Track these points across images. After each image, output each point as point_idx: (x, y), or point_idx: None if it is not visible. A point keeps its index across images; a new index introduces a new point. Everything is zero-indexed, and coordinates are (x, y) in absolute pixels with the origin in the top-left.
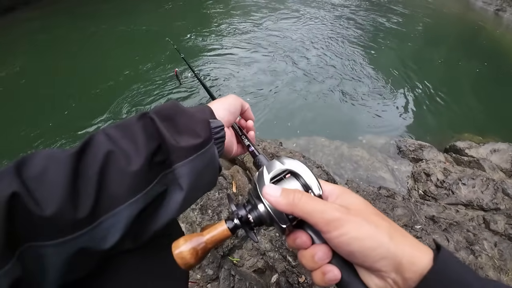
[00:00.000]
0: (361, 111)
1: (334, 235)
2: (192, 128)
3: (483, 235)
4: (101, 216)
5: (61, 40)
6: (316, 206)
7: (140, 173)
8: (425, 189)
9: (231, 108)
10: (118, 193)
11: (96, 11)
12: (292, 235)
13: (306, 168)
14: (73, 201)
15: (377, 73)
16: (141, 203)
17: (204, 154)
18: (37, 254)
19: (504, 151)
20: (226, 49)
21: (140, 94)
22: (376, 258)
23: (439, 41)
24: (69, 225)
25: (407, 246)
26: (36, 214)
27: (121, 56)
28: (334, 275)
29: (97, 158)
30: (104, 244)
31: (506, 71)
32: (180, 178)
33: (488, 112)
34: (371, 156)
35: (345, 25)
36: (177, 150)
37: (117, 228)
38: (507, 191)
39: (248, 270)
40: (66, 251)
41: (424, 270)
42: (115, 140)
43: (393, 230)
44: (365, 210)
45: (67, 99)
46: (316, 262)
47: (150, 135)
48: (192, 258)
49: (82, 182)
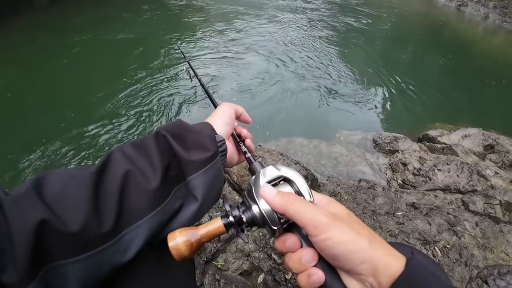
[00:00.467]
0: (336, 109)
1: (320, 238)
2: (201, 143)
3: (464, 216)
4: (123, 229)
5: (45, 52)
6: (307, 209)
7: (157, 190)
8: (403, 178)
9: (227, 120)
10: (138, 208)
11: (77, 22)
12: (282, 237)
13: (299, 176)
14: (97, 216)
15: (349, 71)
16: (159, 216)
17: (213, 166)
18: (63, 271)
19: (475, 136)
20: (204, 55)
21: (132, 101)
22: (357, 262)
23: (405, 38)
24: (94, 240)
25: (384, 252)
26: (64, 233)
27: (110, 64)
28: (319, 278)
29: (116, 177)
30: (126, 255)
31: (470, 62)
32: (195, 189)
33: (456, 101)
34: (349, 152)
35: (317, 27)
36: (190, 163)
37: (138, 240)
38: (482, 172)
39: (234, 273)
40: (91, 266)
41: (396, 275)
42: (131, 158)
43: (372, 237)
44: (348, 218)
45: (61, 110)
46: (303, 264)
47: (163, 152)
48: (186, 250)
49: (103, 199)
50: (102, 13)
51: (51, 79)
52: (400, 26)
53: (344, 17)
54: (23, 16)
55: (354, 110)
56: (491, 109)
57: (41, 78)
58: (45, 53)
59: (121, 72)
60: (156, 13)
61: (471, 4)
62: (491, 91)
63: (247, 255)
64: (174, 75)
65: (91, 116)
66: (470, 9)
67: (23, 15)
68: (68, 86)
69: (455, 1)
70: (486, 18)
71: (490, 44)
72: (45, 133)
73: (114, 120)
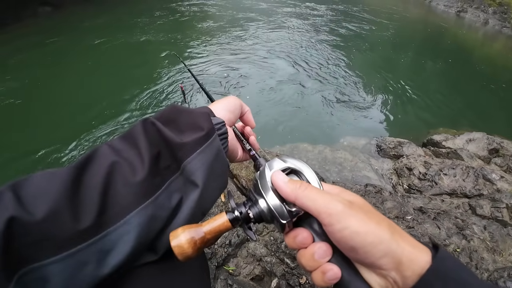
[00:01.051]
0: (340, 115)
1: (336, 228)
2: (193, 123)
3: (472, 220)
4: (108, 226)
5: (48, 57)
6: (321, 196)
7: (146, 180)
8: (409, 183)
9: (230, 107)
10: (125, 202)
11: (82, 29)
12: (293, 232)
13: (307, 166)
14: (73, 211)
15: (351, 77)
16: (150, 209)
17: (210, 145)
18: (40, 275)
19: (480, 140)
20: (206, 60)
21: (146, 102)
22: (378, 255)
23: (406, 44)
24: (71, 237)
25: (407, 244)
26: (35, 229)
27: (114, 69)
28: (334, 273)
29: (101, 169)
30: (113, 257)
31: (471, 67)
32: (193, 174)
33: (459, 106)
34: (353, 157)
35: (321, 33)
36: (183, 146)
37: (128, 238)
38: (487, 176)
39: (245, 278)
40: (71, 268)
41: (423, 269)
42: (118, 150)
43: (393, 228)
44: (365, 208)
45: (78, 113)
46: (316, 260)
47: (151, 140)
48: (190, 248)
49: (83, 192)
50: (107, 20)
51: (52, 84)
52: (401, 32)
53: (346, 23)
54: (27, 23)
55: (358, 115)
56: (494, 114)
57: (43, 84)
58: (48, 58)
59: (124, 77)
60: (166, 19)
61: (470, 10)
62: (493, 96)
63: (258, 260)
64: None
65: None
66: (469, 15)
67: (26, 22)
68: (70, 91)
69: (454, 7)
70: (486, 23)
71: (491, 49)
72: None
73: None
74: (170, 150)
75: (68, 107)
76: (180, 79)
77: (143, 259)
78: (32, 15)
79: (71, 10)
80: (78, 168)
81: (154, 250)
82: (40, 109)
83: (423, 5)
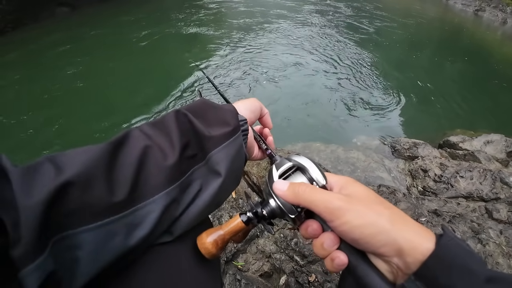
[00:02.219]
0: (353, 114)
1: (337, 223)
2: (222, 119)
3: (488, 224)
4: (138, 202)
5: (65, 58)
6: (319, 196)
7: (175, 166)
8: (424, 185)
9: (251, 107)
10: (155, 183)
11: (99, 29)
12: (304, 224)
13: (310, 162)
14: (109, 183)
15: (366, 76)
16: (174, 193)
17: (235, 141)
18: (73, 242)
19: (498, 142)
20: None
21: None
22: (378, 245)
23: (423, 43)
24: (106, 208)
25: (409, 232)
26: (73, 197)
27: (143, 67)
28: (341, 260)
29: (135, 150)
30: (139, 231)
31: (489, 67)
32: (217, 164)
33: (476, 107)
34: (367, 157)
35: (337, 32)
36: (211, 138)
37: (153, 215)
38: (505, 180)
39: (254, 274)
40: (102, 237)
41: (425, 256)
42: (150, 136)
43: (395, 216)
44: (367, 199)
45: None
46: (325, 249)
47: (183, 130)
48: (213, 248)
49: (119, 168)
50: (125, 20)
51: (64, 86)
52: (417, 31)
53: (362, 21)
54: (45, 24)
55: (372, 114)
56: None
57: (56, 86)
58: (65, 59)
59: (142, 77)
60: (188, 19)
61: (488, 9)
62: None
63: (267, 256)
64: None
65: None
66: (487, 14)
67: (44, 23)
68: (88, 92)
69: (472, 6)
70: (504, 23)
71: (510, 49)
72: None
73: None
74: (199, 141)
75: (87, 111)
76: (201, 84)
77: (160, 239)
78: (50, 16)
79: (88, 11)
80: (115, 145)
81: (171, 232)
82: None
83: (440, 3)
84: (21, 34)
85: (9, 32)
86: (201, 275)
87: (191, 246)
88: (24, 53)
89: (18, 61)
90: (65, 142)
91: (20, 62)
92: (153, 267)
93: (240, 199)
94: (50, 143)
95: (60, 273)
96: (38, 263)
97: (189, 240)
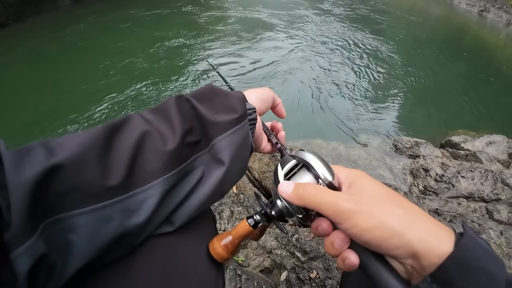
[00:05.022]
0: (355, 112)
1: (345, 226)
2: (229, 105)
3: (488, 225)
4: (134, 188)
5: (67, 50)
6: (326, 199)
7: (175, 151)
8: (425, 184)
9: (262, 96)
10: (153, 168)
11: (101, 22)
12: (314, 223)
13: (316, 159)
14: (103, 166)
15: (369, 74)
16: (174, 179)
17: (241, 129)
18: (66, 225)
19: (500, 143)
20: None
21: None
22: (390, 248)
23: (426, 43)
24: (99, 192)
25: (424, 232)
26: (65, 180)
27: (147, 63)
28: (351, 261)
29: (132, 134)
30: (136, 218)
31: (492, 68)
32: (221, 152)
33: (479, 107)
34: (368, 155)
35: (338, 28)
36: (216, 125)
37: (151, 202)
38: (506, 181)
39: (255, 270)
40: (97, 221)
41: (441, 259)
42: (150, 121)
43: (409, 215)
44: (379, 198)
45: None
46: (336, 248)
47: (184, 116)
48: (224, 253)
49: (115, 152)
50: (127, 13)
51: (68, 79)
52: (420, 30)
53: (364, 22)
54: (47, 16)
55: (374, 112)
56: None
57: (58, 77)
58: (67, 51)
59: (146, 74)
60: (190, 14)
61: (493, 10)
62: None
63: (268, 252)
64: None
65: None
66: (492, 15)
67: (46, 15)
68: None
69: (476, 7)
70: (509, 24)
71: None
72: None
73: None
74: (203, 127)
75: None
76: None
77: (160, 229)
78: (52, 9)
79: (90, 3)
80: (111, 128)
81: (171, 222)
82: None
83: (444, 3)
84: (23, 26)
85: (11, 24)
86: (203, 269)
87: (192, 238)
88: (27, 46)
89: (20, 53)
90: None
91: (22, 54)
92: (153, 258)
93: (242, 194)
94: (50, 135)
95: (54, 257)
96: (28, 245)
97: (191, 231)
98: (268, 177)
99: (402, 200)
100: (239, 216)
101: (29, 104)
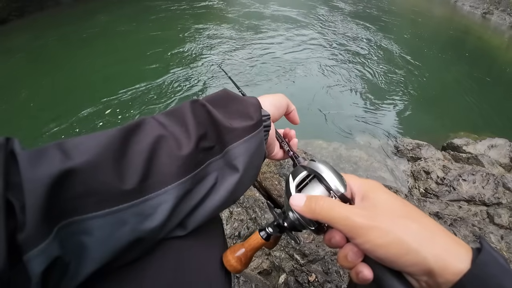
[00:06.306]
0: (356, 113)
1: (357, 242)
2: (245, 112)
3: (489, 229)
4: (149, 192)
5: (69, 45)
6: (338, 213)
7: (189, 157)
8: (426, 187)
9: (277, 103)
10: (168, 172)
11: (103, 18)
12: (327, 235)
13: (327, 169)
14: (118, 170)
15: (371, 75)
16: (189, 184)
17: (256, 136)
18: (81, 228)
19: (502, 146)
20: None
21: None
22: (405, 264)
23: (429, 45)
24: (114, 196)
25: (439, 249)
26: (80, 183)
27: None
28: (364, 275)
29: (147, 138)
30: (150, 222)
31: (495, 71)
32: (235, 159)
33: (481, 110)
34: (369, 156)
35: (340, 29)
36: (231, 131)
37: (165, 207)
38: (508, 185)
39: (253, 271)
40: (111, 225)
41: (457, 275)
42: (164, 125)
43: (424, 231)
44: (393, 212)
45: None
46: (350, 261)
47: (199, 120)
48: (238, 265)
49: (130, 156)
50: (131, 10)
51: (66, 75)
52: (423, 32)
53: (366, 21)
54: (49, 12)
55: (375, 114)
56: None
57: (61, 74)
58: (69, 47)
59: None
60: (195, 10)
61: (496, 12)
62: None
63: (267, 254)
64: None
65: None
66: (495, 17)
67: (49, 11)
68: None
69: (480, 9)
70: None
71: None
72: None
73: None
74: (218, 133)
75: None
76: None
77: (173, 233)
78: (55, 4)
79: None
80: (127, 131)
81: (184, 226)
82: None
83: (448, 4)
84: (26, 22)
85: (13, 20)
86: (214, 273)
87: (204, 242)
88: (29, 41)
89: (23, 49)
90: (69, 132)
91: (25, 50)
92: (165, 262)
93: (246, 199)
94: (55, 133)
95: (67, 259)
96: (42, 247)
97: (201, 235)
98: (268, 177)
99: (417, 213)
100: (238, 217)
101: (29, 100)
